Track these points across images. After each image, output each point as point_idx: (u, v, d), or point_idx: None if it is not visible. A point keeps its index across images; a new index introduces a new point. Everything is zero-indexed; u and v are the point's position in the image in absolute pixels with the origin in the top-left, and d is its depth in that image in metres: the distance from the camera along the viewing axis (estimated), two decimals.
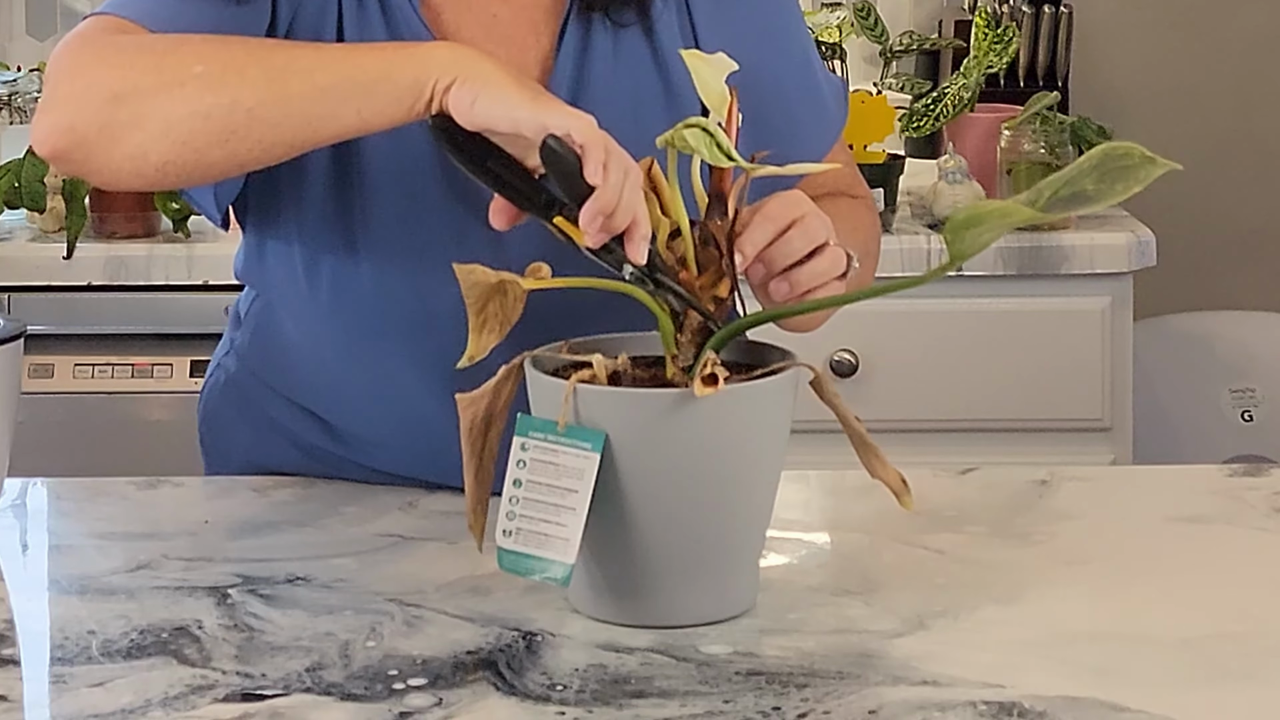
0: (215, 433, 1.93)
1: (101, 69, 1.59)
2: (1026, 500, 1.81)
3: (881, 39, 3.36)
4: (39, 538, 1.78)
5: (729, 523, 1.51)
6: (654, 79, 1.76)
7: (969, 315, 3.11)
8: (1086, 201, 1.40)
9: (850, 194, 1.89)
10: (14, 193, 3.09)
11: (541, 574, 1.46)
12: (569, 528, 1.45)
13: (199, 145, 1.57)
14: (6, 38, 3.79)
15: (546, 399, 1.48)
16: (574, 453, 1.46)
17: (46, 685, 1.43)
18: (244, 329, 1.89)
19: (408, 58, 1.55)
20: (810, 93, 1.85)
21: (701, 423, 1.46)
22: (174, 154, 1.57)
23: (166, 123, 1.56)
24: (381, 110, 1.54)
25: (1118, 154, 1.41)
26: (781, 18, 1.84)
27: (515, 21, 1.76)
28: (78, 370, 3.08)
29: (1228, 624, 1.52)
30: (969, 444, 3.10)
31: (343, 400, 1.82)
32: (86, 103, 1.58)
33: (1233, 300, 3.84)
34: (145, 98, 1.57)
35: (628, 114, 1.72)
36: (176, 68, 1.57)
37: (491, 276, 1.51)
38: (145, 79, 1.57)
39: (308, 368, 1.83)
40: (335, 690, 1.40)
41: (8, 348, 1.69)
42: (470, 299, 1.52)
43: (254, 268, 1.82)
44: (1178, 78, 3.86)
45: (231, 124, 1.55)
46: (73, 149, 1.59)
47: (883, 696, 1.38)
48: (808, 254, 1.59)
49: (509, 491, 1.47)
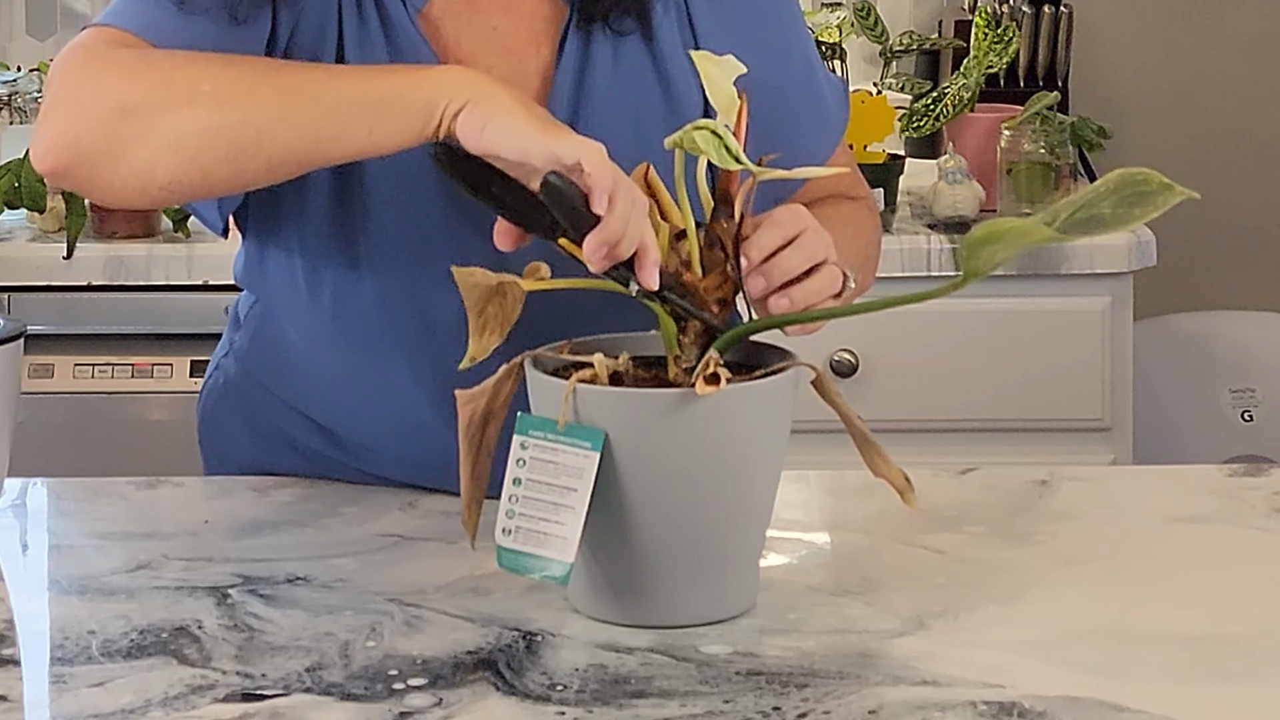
0: (213, 434, 1.93)
1: (108, 82, 1.58)
2: (1026, 500, 1.81)
3: (881, 39, 3.36)
4: (39, 538, 1.78)
5: (730, 523, 1.51)
6: (655, 88, 1.76)
7: (969, 315, 3.11)
8: (1103, 225, 1.40)
9: (851, 196, 1.89)
10: (14, 193, 3.09)
11: (540, 573, 1.46)
12: (568, 526, 1.45)
13: (206, 163, 1.56)
14: (6, 38, 3.78)
15: (547, 398, 1.48)
16: (574, 452, 1.46)
17: (46, 685, 1.43)
18: (243, 331, 1.89)
19: (420, 80, 1.54)
20: (812, 97, 1.85)
21: (702, 422, 1.46)
22: (181, 171, 1.56)
23: (175, 139, 1.55)
24: (393, 131, 1.54)
25: (1136, 179, 1.42)
26: (782, 23, 1.84)
27: (515, 33, 1.75)
28: (78, 370, 3.08)
29: (1228, 624, 1.52)
30: (969, 444, 3.10)
31: (341, 406, 1.82)
32: (93, 116, 1.57)
33: (1233, 300, 3.84)
34: (154, 114, 1.56)
35: (628, 123, 1.72)
36: (186, 84, 1.56)
37: (491, 279, 1.51)
38: (154, 95, 1.56)
39: (307, 373, 1.82)
40: (335, 690, 1.40)
41: (8, 348, 1.69)
42: (470, 301, 1.52)
43: (254, 274, 1.82)
44: (1178, 78, 3.86)
45: (241, 142, 1.55)
46: (77, 164, 1.58)
47: (883, 696, 1.38)
48: (806, 270, 1.59)
49: (509, 490, 1.47)
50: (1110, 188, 1.42)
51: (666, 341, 1.52)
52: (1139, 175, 1.42)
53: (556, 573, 1.46)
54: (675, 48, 1.76)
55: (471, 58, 1.73)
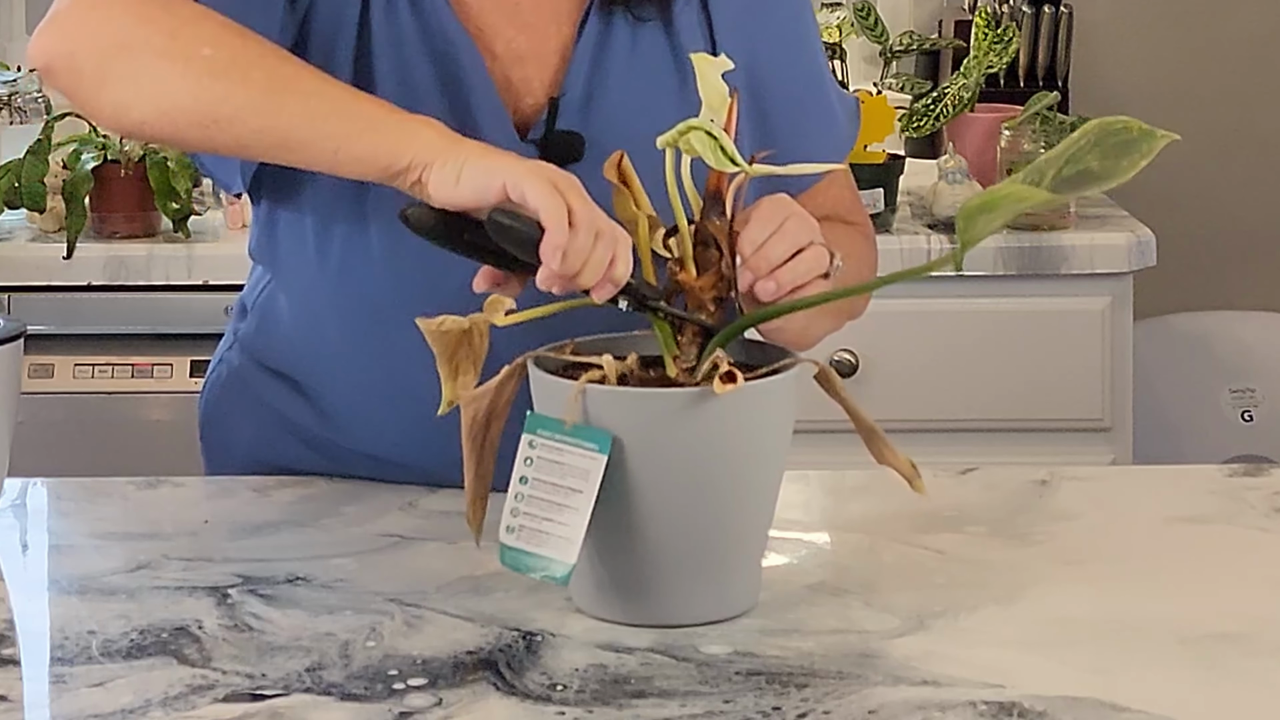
0: (216, 427, 1.94)
1: (118, 10, 1.62)
2: (1026, 500, 1.81)
3: (881, 39, 3.36)
4: (39, 538, 1.78)
5: (737, 520, 1.51)
6: (670, 73, 1.78)
7: (969, 315, 3.12)
8: (1094, 180, 1.40)
9: (849, 220, 1.89)
10: (14, 193, 3.09)
11: (541, 572, 1.46)
12: (571, 527, 1.45)
13: (179, 123, 1.60)
14: (6, 38, 3.79)
15: (553, 399, 1.48)
16: (580, 453, 1.46)
17: (46, 685, 1.43)
18: (250, 317, 1.90)
19: (398, 125, 1.56)
20: (821, 105, 1.87)
21: (714, 421, 1.46)
22: (152, 120, 1.61)
23: (157, 89, 1.59)
24: (356, 159, 1.56)
25: (1115, 129, 1.42)
26: (799, 27, 1.86)
27: (538, 9, 1.78)
28: (78, 370, 3.09)
29: (1228, 624, 1.52)
30: (969, 444, 3.10)
31: (343, 382, 1.82)
32: (95, 39, 1.62)
33: (1233, 300, 3.84)
34: (149, 57, 1.60)
35: (641, 106, 1.74)
36: (189, 40, 1.59)
37: (461, 323, 1.51)
38: (156, 39, 1.60)
39: (310, 347, 1.83)
40: (335, 690, 1.40)
41: (8, 348, 1.69)
42: (439, 349, 1.52)
43: (265, 241, 1.84)
44: (1178, 78, 3.86)
45: (215, 114, 1.58)
46: (64, 74, 1.63)
47: (883, 696, 1.38)
48: (791, 255, 1.59)
49: (515, 488, 1.47)
50: (1092, 140, 1.42)
51: (664, 343, 1.52)
52: (1118, 124, 1.42)
53: (558, 573, 1.46)
54: (693, 38, 1.78)
55: (493, 29, 1.76)
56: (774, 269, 1.58)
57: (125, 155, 3.11)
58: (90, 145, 3.13)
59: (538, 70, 1.78)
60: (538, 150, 1.74)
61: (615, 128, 1.74)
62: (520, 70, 1.77)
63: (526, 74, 1.78)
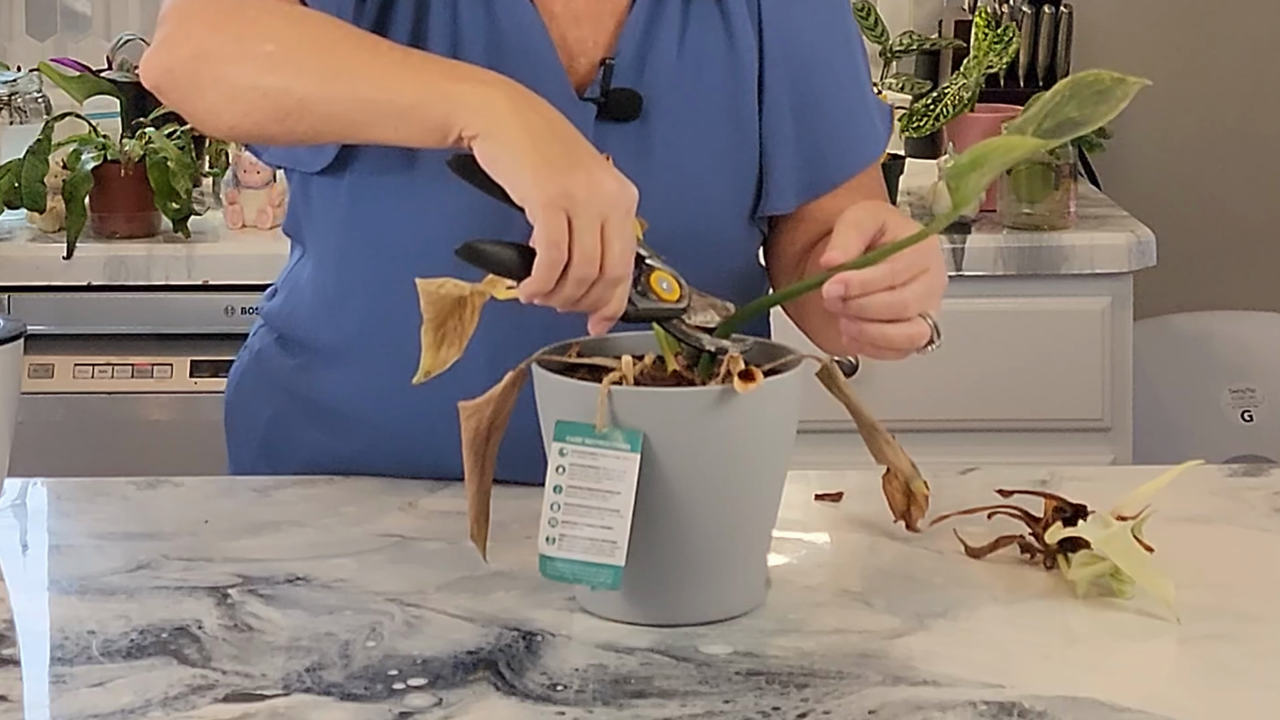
0: (239, 411, 1.96)
1: (196, 23, 1.67)
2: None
3: (881, 39, 3.36)
4: (39, 538, 1.78)
5: (747, 518, 1.51)
6: (720, 38, 1.81)
7: (969, 315, 3.11)
8: (1076, 127, 1.44)
9: None
10: (14, 193, 3.09)
11: (590, 579, 1.45)
12: (615, 530, 1.45)
13: (259, 119, 1.63)
14: (6, 38, 3.79)
15: (570, 402, 1.47)
16: (614, 455, 1.45)
17: (46, 685, 1.43)
18: (279, 294, 1.93)
19: (442, 96, 1.55)
20: (859, 98, 1.89)
21: (734, 419, 1.46)
22: (238, 121, 1.65)
23: (233, 91, 1.64)
24: (413, 136, 1.57)
25: (1088, 81, 1.47)
26: (843, 18, 1.89)
27: None
28: (78, 370, 3.08)
29: (1228, 624, 1.52)
30: (969, 444, 3.10)
31: (362, 354, 1.82)
32: (181, 52, 1.67)
33: (1233, 300, 3.84)
34: (222, 63, 1.64)
35: (690, 72, 1.79)
36: (253, 40, 1.64)
37: (463, 288, 1.50)
38: (226, 45, 1.65)
39: (334, 316, 1.84)
40: (335, 690, 1.40)
41: (8, 348, 1.69)
42: (430, 313, 1.50)
43: (299, 206, 1.87)
44: (1178, 77, 3.86)
45: (285, 107, 1.61)
46: (169, 89, 1.69)
47: (883, 696, 1.38)
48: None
49: (549, 498, 1.46)
50: (1067, 94, 1.45)
51: (665, 343, 1.52)
52: (1090, 77, 1.46)
53: (606, 579, 1.45)
54: (741, 12, 1.82)
55: None
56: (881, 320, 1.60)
57: (125, 155, 3.11)
58: (90, 145, 3.13)
59: (593, 31, 1.80)
60: (595, 109, 1.75)
61: (667, 89, 1.78)
62: (576, 30, 1.80)
63: (582, 34, 1.80)
